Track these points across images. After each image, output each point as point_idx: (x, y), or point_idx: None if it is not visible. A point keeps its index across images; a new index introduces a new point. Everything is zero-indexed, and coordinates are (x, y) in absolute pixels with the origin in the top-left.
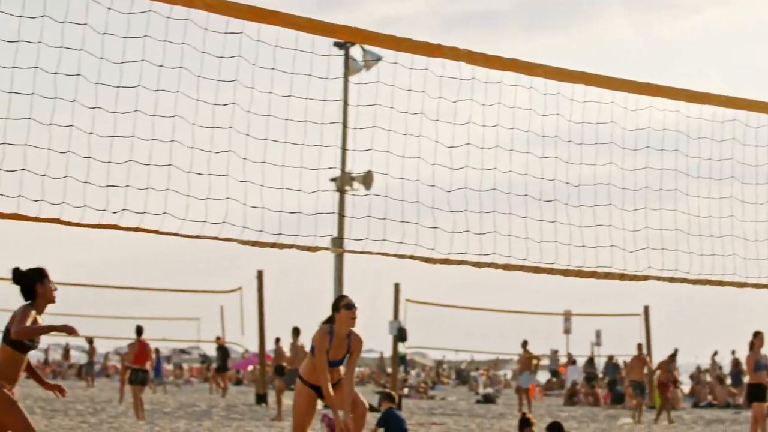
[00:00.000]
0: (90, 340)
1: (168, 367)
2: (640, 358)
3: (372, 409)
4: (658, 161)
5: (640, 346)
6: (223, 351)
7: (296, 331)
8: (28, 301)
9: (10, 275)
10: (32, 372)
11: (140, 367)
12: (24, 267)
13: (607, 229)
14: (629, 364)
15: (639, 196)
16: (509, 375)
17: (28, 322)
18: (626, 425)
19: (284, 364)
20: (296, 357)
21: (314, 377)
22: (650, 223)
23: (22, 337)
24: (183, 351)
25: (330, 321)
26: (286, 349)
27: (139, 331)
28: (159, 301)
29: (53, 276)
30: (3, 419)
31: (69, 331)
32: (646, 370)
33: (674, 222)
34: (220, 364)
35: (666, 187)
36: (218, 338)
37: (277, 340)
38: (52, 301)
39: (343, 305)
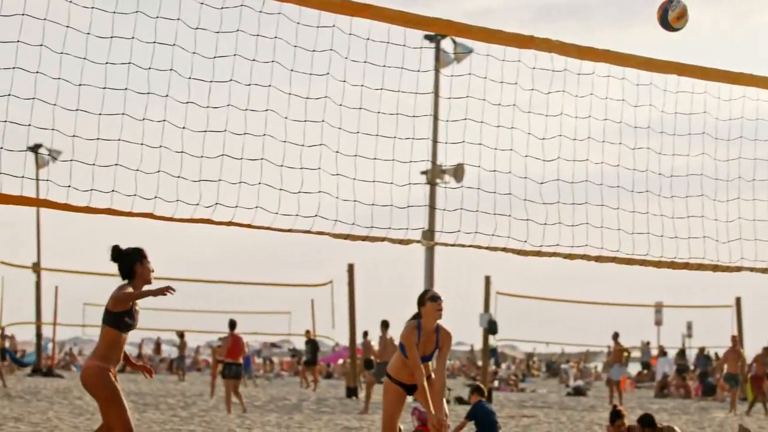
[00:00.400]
0: (181, 335)
1: (257, 360)
2: (735, 351)
3: (462, 401)
4: (752, 151)
5: (734, 338)
6: (312, 344)
7: (385, 325)
8: (125, 281)
9: (110, 253)
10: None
11: (233, 360)
12: (124, 246)
13: (699, 220)
14: (724, 356)
15: (732, 187)
16: (600, 367)
17: (129, 298)
18: (719, 418)
19: (372, 357)
20: (385, 350)
21: (403, 375)
22: (743, 214)
23: (120, 305)
24: (274, 345)
25: (417, 317)
26: (375, 342)
27: (233, 325)
28: (250, 295)
29: None
30: (104, 407)
31: (165, 291)
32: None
33: None
34: (310, 358)
35: (759, 177)
36: (307, 332)
37: (365, 333)
38: (149, 281)
39: (428, 298)
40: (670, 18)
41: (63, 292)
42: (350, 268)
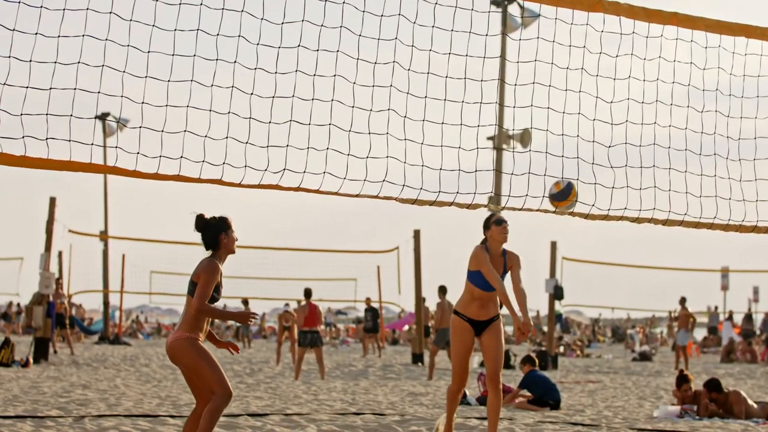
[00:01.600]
0: (245, 302)
1: (323, 327)
2: None
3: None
4: None
5: None
6: (372, 312)
7: (443, 290)
8: (210, 252)
9: (194, 222)
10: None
11: (310, 328)
12: (208, 215)
13: (767, 183)
14: None
15: None
16: (665, 332)
17: (211, 289)
18: None
19: (430, 324)
20: (443, 316)
21: (471, 310)
22: None
23: (204, 316)
24: (339, 312)
25: (484, 242)
26: (433, 308)
27: (308, 293)
28: (316, 262)
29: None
30: (199, 373)
31: (248, 320)
32: None
33: None
34: (370, 326)
35: None
36: (368, 299)
37: (423, 300)
38: (232, 251)
39: (493, 222)
40: (557, 204)
41: (130, 259)
42: (416, 234)
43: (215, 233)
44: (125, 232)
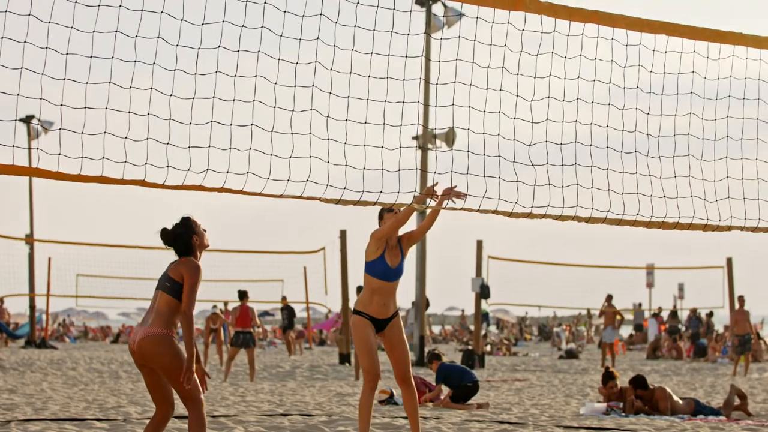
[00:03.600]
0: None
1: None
2: (743, 311)
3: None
4: (739, 111)
5: (742, 298)
6: (288, 310)
7: (360, 290)
8: (186, 255)
9: (160, 239)
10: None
11: (243, 329)
12: (168, 225)
13: (686, 180)
14: (733, 317)
15: (720, 146)
16: (592, 330)
17: (197, 292)
18: (710, 380)
19: None
20: None
21: (371, 308)
22: (731, 173)
23: (186, 319)
24: (267, 313)
25: None
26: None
27: (242, 295)
28: (242, 263)
29: (133, 239)
30: (173, 374)
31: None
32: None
33: (755, 171)
34: (286, 324)
35: (747, 136)
36: (284, 298)
37: (349, 300)
38: (207, 245)
39: (386, 210)
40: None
41: (56, 262)
42: (342, 235)
43: (187, 240)
44: (51, 234)
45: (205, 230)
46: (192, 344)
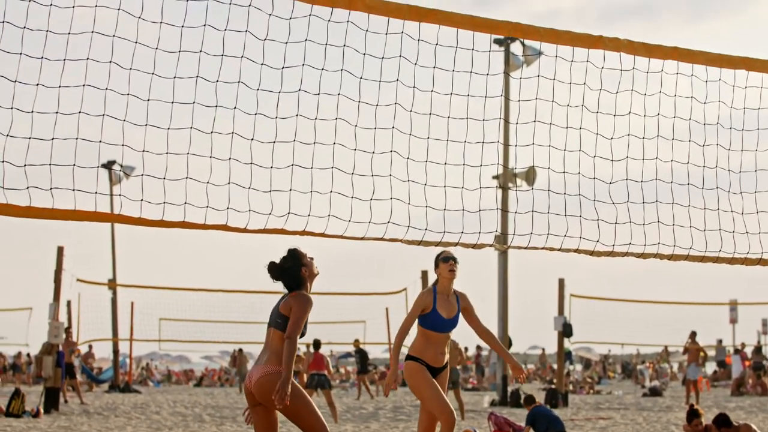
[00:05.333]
0: (240, 350)
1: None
2: None
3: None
4: None
5: None
6: (361, 354)
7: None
8: (297, 288)
9: (268, 272)
10: None
11: (318, 371)
12: (276, 259)
13: None
14: None
15: None
16: (675, 367)
17: (304, 323)
18: None
19: None
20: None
21: (428, 355)
22: None
23: (290, 346)
24: (349, 354)
25: (435, 283)
26: None
27: (317, 344)
28: (324, 305)
29: (215, 282)
30: (294, 414)
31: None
32: None
33: None
34: (360, 367)
35: None
36: (356, 341)
37: None
38: (317, 274)
39: (441, 259)
40: None
41: (138, 307)
42: (424, 275)
43: (295, 273)
44: (133, 279)
45: (312, 258)
46: (290, 365)
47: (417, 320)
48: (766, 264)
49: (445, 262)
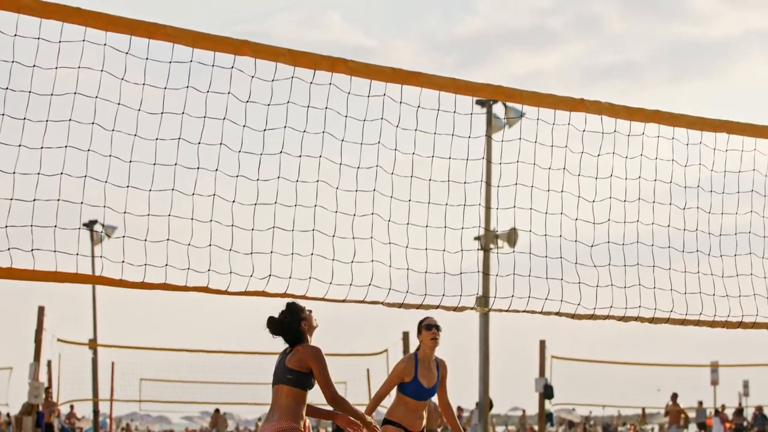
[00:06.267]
0: (216, 410)
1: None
2: None
3: None
4: None
5: None
6: None
7: None
8: (298, 343)
9: (267, 328)
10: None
11: None
12: (275, 314)
13: (749, 278)
14: None
15: None
16: (656, 429)
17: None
18: None
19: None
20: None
21: (408, 419)
22: None
23: (339, 405)
24: None
25: (417, 349)
26: None
27: None
28: None
29: (196, 343)
30: None
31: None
32: None
33: None
34: (335, 427)
35: None
36: None
37: None
38: (317, 327)
39: (423, 326)
40: None
41: (119, 367)
42: (405, 336)
43: (295, 327)
44: (114, 339)
45: (310, 311)
46: (356, 410)
47: (396, 386)
48: (747, 327)
49: (428, 330)
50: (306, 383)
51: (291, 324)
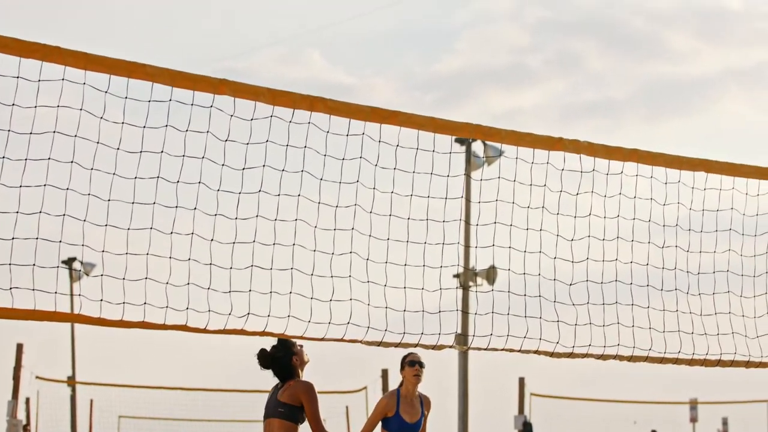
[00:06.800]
0: None
1: None
2: None
3: None
4: None
5: None
6: None
7: None
8: (289, 377)
9: (258, 360)
10: None
11: None
12: (267, 347)
13: (727, 317)
14: None
15: (759, 283)
16: None
17: (321, 410)
18: None
19: None
20: None
21: None
22: None
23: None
24: None
25: (400, 385)
26: None
27: None
28: None
29: (175, 380)
30: None
31: None
32: None
33: None
34: None
35: None
36: None
37: None
38: (308, 362)
39: (407, 362)
40: None
41: (98, 404)
42: (384, 374)
43: (286, 362)
44: (93, 376)
45: (301, 346)
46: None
47: (380, 423)
48: (725, 365)
49: (411, 366)
50: (297, 417)
51: (282, 359)
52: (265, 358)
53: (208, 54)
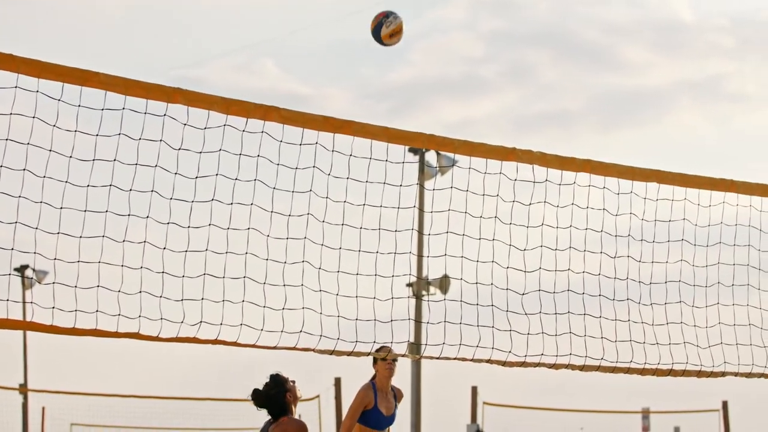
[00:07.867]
0: None
1: None
2: None
3: None
4: (730, 257)
5: None
6: None
7: None
8: (282, 414)
9: (252, 401)
10: None
11: None
12: (260, 386)
13: (679, 326)
14: None
15: (711, 293)
16: None
17: None
18: None
19: None
20: None
21: None
22: (723, 320)
23: None
24: None
25: (372, 378)
26: None
27: None
28: (235, 413)
29: (129, 388)
30: None
31: None
32: None
33: (747, 317)
34: None
35: (738, 282)
36: None
37: None
38: (300, 398)
39: (380, 358)
40: (383, 34)
41: (50, 412)
42: (337, 382)
43: (280, 399)
44: (45, 384)
45: (293, 381)
46: None
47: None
48: (677, 375)
49: (384, 360)
50: None
51: (276, 396)
52: (260, 398)
53: (162, 63)
